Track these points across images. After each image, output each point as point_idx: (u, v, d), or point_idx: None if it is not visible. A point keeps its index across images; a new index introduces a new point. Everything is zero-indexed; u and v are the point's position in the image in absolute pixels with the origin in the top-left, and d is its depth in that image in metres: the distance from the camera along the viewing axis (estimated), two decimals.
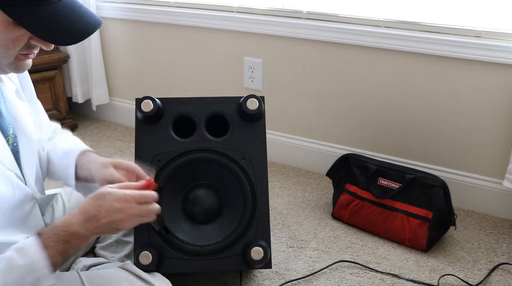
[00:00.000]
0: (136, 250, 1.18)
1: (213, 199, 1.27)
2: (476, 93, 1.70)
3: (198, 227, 1.25)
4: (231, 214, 1.26)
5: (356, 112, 1.94)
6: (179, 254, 1.21)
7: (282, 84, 2.06)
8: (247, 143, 1.27)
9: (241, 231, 1.24)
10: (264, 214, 1.25)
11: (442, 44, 1.68)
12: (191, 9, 2.16)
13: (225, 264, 1.23)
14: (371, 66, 1.85)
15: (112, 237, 1.33)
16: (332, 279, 1.46)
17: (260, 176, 1.26)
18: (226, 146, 1.26)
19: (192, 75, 2.27)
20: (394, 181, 1.65)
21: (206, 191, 1.27)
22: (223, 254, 1.22)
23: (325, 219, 1.76)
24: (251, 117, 1.27)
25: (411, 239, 1.59)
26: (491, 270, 1.50)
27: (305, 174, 2.08)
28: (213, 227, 1.26)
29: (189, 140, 1.26)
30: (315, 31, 1.90)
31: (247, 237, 1.24)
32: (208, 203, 1.27)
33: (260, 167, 1.26)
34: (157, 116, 1.26)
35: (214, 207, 1.27)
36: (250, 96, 1.26)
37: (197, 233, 1.24)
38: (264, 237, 1.24)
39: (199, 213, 1.26)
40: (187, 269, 1.23)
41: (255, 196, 1.25)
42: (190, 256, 1.22)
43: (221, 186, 1.27)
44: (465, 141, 1.77)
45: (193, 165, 1.26)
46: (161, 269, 1.18)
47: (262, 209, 1.25)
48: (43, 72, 2.34)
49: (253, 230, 1.24)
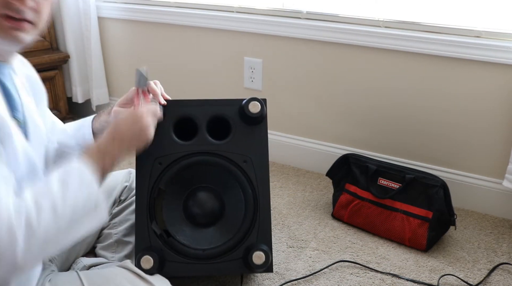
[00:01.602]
0: (137, 254, 1.18)
1: (215, 202, 1.27)
2: (476, 93, 1.70)
3: (200, 230, 1.25)
4: (232, 217, 1.25)
5: (356, 112, 1.94)
6: (181, 258, 1.21)
7: (282, 84, 2.06)
8: (249, 145, 1.26)
9: (243, 234, 1.24)
10: (266, 217, 1.25)
11: (442, 44, 1.68)
12: (191, 9, 2.16)
13: (227, 268, 1.23)
14: (371, 66, 1.85)
15: (113, 237, 1.33)
16: (332, 279, 1.46)
17: (262, 180, 1.25)
18: (227, 148, 1.25)
19: (192, 75, 2.27)
20: (394, 181, 1.65)
21: (208, 194, 1.27)
22: (224, 257, 1.23)
23: (325, 219, 1.76)
24: (253, 120, 1.26)
25: (411, 239, 1.59)
26: (491, 270, 1.50)
27: (305, 174, 2.08)
28: (214, 230, 1.26)
29: (190, 143, 1.25)
30: (315, 31, 1.90)
31: (248, 241, 1.24)
32: (210, 206, 1.27)
33: (261, 170, 1.26)
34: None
35: (215, 210, 1.26)
36: (252, 99, 1.25)
37: (198, 236, 1.24)
38: (265, 241, 1.24)
39: (201, 216, 1.26)
40: (188, 272, 1.23)
41: (256, 200, 1.25)
42: (192, 259, 1.22)
43: (223, 189, 1.27)
44: (465, 141, 1.77)
45: (194, 168, 1.25)
46: (163, 272, 1.18)
47: (263, 212, 1.25)
48: (43, 72, 2.34)
49: (255, 233, 1.24)
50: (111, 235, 1.34)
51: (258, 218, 1.24)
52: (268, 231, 1.25)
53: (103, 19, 2.40)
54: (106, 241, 1.34)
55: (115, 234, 1.33)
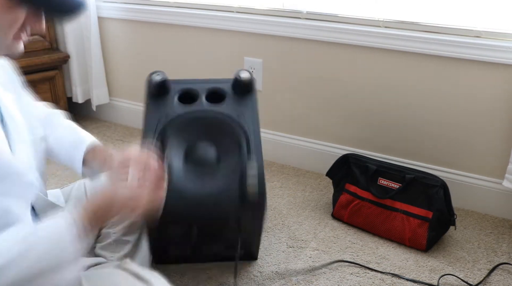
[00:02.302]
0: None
1: (212, 151, 1.38)
2: (475, 93, 1.70)
3: (199, 177, 1.34)
4: (229, 163, 1.35)
5: (356, 112, 1.94)
6: (181, 201, 1.28)
7: (282, 84, 2.06)
8: (242, 108, 1.42)
9: (238, 173, 1.32)
10: (258, 149, 1.36)
11: (442, 44, 1.68)
12: (191, 9, 2.16)
13: (223, 207, 1.31)
14: (371, 66, 1.85)
15: (112, 237, 1.33)
16: (332, 279, 1.46)
17: (254, 131, 1.37)
18: (223, 109, 1.42)
19: (192, 75, 2.27)
20: (394, 181, 1.65)
21: (206, 145, 1.39)
22: (221, 196, 1.31)
23: (325, 219, 1.76)
24: (244, 88, 1.43)
25: (411, 239, 1.59)
26: (491, 270, 1.50)
27: (305, 174, 2.08)
28: (211, 175, 1.35)
29: (191, 105, 1.42)
30: (315, 31, 1.90)
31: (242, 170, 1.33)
32: (207, 154, 1.38)
33: (253, 121, 1.39)
34: (164, 87, 1.42)
35: (213, 159, 1.37)
36: (242, 69, 1.46)
37: (197, 182, 1.33)
38: (257, 158, 1.34)
39: (200, 163, 1.36)
40: (187, 214, 1.31)
41: (248, 142, 1.36)
42: (190, 201, 1.29)
43: (219, 139, 1.39)
44: (465, 141, 1.77)
45: (194, 123, 1.39)
46: (163, 217, 1.19)
47: (256, 149, 1.35)
48: (43, 72, 2.34)
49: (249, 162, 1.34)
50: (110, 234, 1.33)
51: (250, 153, 1.35)
52: (260, 159, 1.34)
53: (103, 19, 2.41)
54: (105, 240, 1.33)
55: (114, 233, 1.32)
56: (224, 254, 1.48)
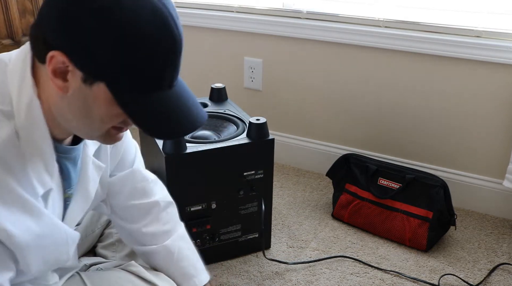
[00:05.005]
0: None
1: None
2: (476, 93, 1.70)
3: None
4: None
5: (356, 112, 1.94)
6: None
7: (282, 84, 2.06)
8: None
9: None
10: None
11: (442, 44, 1.68)
12: (191, 9, 2.16)
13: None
14: (371, 66, 1.85)
15: (113, 236, 1.33)
16: (332, 279, 1.46)
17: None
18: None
19: (192, 75, 2.27)
20: (394, 181, 1.65)
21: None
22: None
23: (325, 219, 1.76)
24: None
25: (411, 239, 1.59)
26: (491, 270, 1.50)
27: (305, 174, 2.08)
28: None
29: None
30: (315, 31, 1.90)
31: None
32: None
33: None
34: None
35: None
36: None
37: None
38: None
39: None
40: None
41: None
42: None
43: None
44: (465, 141, 1.77)
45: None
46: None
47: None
48: None
49: None
50: (112, 234, 1.33)
51: None
52: None
53: None
54: (106, 240, 1.33)
55: (116, 233, 1.32)
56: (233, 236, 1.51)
